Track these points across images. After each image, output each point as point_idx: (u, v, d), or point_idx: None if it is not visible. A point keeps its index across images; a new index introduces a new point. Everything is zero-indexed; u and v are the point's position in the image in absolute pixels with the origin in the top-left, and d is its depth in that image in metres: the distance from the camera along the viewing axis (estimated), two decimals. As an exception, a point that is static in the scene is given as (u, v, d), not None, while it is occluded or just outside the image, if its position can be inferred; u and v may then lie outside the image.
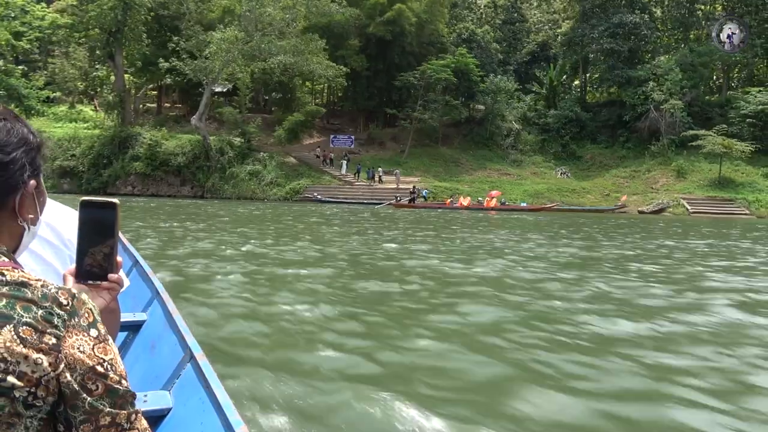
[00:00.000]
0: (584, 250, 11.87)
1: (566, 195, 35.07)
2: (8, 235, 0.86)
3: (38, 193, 0.90)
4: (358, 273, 7.92)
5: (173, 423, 1.65)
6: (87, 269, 0.99)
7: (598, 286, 7.10)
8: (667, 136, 38.78)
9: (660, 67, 41.20)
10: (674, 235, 16.86)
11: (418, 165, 41.19)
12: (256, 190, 36.72)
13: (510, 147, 44.05)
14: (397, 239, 13.12)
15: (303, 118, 39.42)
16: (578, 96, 47.65)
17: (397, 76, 43.17)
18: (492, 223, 20.65)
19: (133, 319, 2.27)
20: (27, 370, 0.72)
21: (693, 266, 9.47)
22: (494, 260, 9.49)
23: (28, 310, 0.74)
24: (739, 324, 5.17)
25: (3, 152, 0.81)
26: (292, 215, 21.77)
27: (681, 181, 35.36)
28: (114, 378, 0.79)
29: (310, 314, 5.13)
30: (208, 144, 37.51)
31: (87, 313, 0.80)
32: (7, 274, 0.77)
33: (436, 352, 4.05)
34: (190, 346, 1.83)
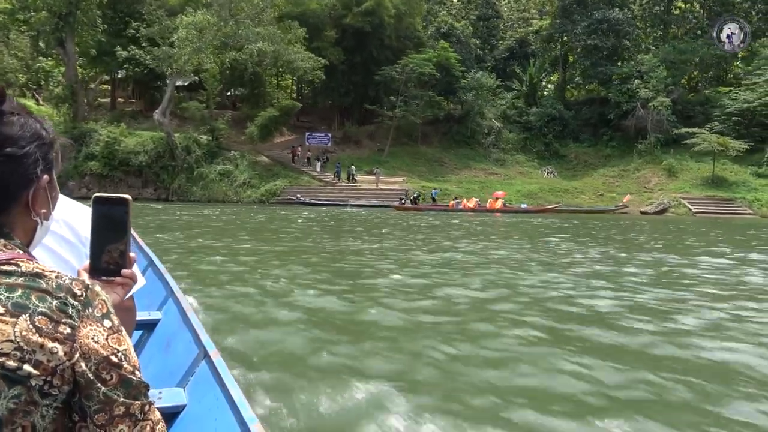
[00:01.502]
0: (662, 265, 9.85)
1: (560, 195, 33.57)
2: (22, 229, 0.85)
3: (51, 188, 0.89)
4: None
5: (188, 420, 1.64)
6: (100, 265, 0.98)
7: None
8: (653, 134, 37.96)
9: (644, 64, 40.43)
10: (725, 242, 15.20)
11: (400, 164, 38.91)
12: (228, 191, 33.54)
13: (492, 146, 42.38)
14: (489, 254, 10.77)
15: (277, 114, 36.38)
16: (558, 94, 46.48)
17: (376, 71, 40.76)
18: (517, 228, 18.57)
19: (148, 318, 2.30)
20: (43, 359, 0.72)
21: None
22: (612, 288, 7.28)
23: (43, 300, 0.75)
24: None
25: (17, 146, 0.80)
26: (286, 223, 19.04)
27: (673, 180, 34.48)
28: (128, 368, 0.79)
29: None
30: (172, 141, 34.03)
31: (101, 304, 0.81)
32: (22, 265, 0.78)
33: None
34: (204, 344, 1.84)
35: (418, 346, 4.38)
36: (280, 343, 4.38)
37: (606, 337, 4.78)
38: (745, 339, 4.77)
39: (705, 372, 3.92)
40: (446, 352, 4.17)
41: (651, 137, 37.85)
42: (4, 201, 0.82)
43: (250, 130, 36.44)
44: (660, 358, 4.20)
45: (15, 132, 0.82)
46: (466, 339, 4.64)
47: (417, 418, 2.97)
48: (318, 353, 4.06)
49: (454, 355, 4.14)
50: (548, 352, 4.27)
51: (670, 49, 40.71)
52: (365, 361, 3.95)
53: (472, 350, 4.30)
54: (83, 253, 1.36)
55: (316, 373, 3.61)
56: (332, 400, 3.16)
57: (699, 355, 4.32)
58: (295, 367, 3.72)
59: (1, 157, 0.79)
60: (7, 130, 0.81)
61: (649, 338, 4.74)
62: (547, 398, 3.36)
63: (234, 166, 34.86)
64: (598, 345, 4.57)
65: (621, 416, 3.08)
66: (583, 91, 48.50)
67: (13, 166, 0.81)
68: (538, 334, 4.78)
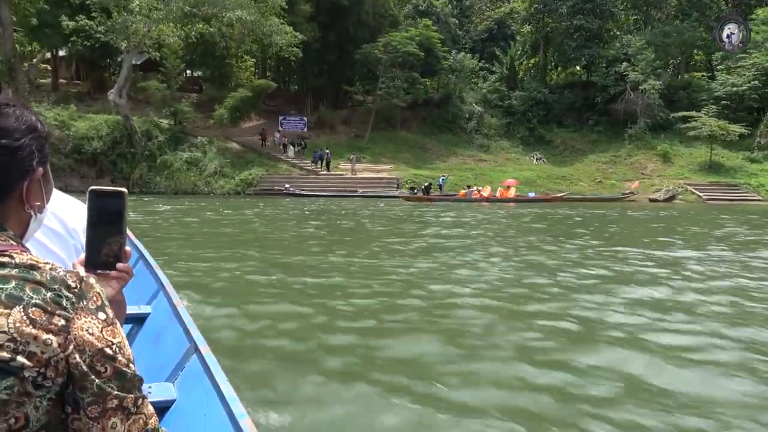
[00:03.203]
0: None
1: (558, 183, 31.78)
2: (16, 221, 0.85)
3: (45, 181, 0.89)
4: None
5: (177, 414, 1.63)
6: (96, 258, 0.97)
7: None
8: (643, 119, 36.73)
9: (630, 47, 39.13)
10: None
11: (383, 151, 36.16)
12: (197, 182, 29.91)
13: (474, 131, 40.22)
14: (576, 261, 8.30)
15: (250, 95, 32.78)
16: (539, 76, 44.71)
17: (352, 50, 37.70)
18: (547, 218, 16.32)
19: (138, 312, 2.28)
20: (37, 351, 0.72)
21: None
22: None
23: (37, 292, 0.75)
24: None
25: (12, 138, 0.80)
26: (294, 223, 16.09)
27: (669, 166, 33.32)
28: (122, 361, 0.79)
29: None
30: (131, 126, 30.02)
31: (95, 296, 0.80)
32: (16, 257, 0.77)
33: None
34: (194, 338, 1.83)
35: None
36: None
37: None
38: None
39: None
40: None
41: (641, 122, 36.60)
42: (0, 193, 0.80)
43: (219, 113, 32.76)
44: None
45: (10, 124, 0.80)
46: None
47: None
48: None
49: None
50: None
51: (657, 31, 39.52)
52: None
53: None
54: (71, 245, 1.36)
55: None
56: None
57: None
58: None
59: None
60: (2, 122, 0.80)
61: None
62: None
63: (202, 153, 31.19)
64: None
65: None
66: (563, 74, 47.01)
67: (7, 158, 0.80)
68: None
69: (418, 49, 35.89)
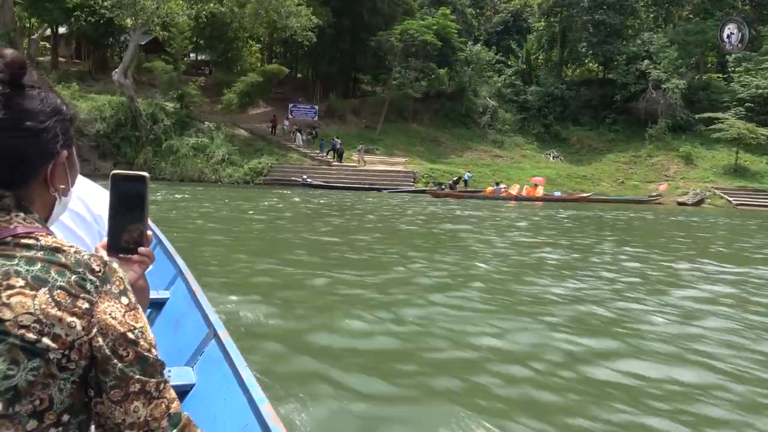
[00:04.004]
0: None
1: (579, 182, 30.68)
2: (41, 204, 0.85)
3: (70, 164, 0.88)
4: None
5: (197, 398, 1.64)
6: (118, 242, 0.98)
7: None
8: (664, 119, 35.66)
9: (653, 44, 38.02)
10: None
11: (395, 143, 34.90)
12: (204, 169, 28.55)
13: (487, 126, 39.00)
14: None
15: (261, 80, 31.33)
16: (555, 72, 43.51)
17: (366, 37, 36.30)
18: (606, 223, 15.16)
19: (157, 297, 2.29)
20: (61, 333, 0.72)
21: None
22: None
23: (62, 275, 0.75)
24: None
25: (36, 120, 0.79)
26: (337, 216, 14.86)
27: (692, 169, 32.28)
28: (144, 346, 0.79)
29: None
30: (136, 108, 28.54)
31: (118, 281, 0.80)
32: (41, 239, 0.77)
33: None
34: (213, 323, 1.83)
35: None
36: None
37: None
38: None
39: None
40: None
41: (662, 122, 35.52)
42: (23, 175, 0.80)
43: (228, 98, 31.30)
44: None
45: (35, 106, 0.80)
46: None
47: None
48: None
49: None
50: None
51: (680, 29, 38.37)
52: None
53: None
54: (95, 230, 1.36)
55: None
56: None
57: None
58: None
59: (21, 131, 0.77)
60: (27, 103, 0.79)
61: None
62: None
63: (209, 139, 29.79)
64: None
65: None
66: (578, 70, 45.84)
67: (31, 141, 0.79)
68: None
69: (435, 38, 34.56)
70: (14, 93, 0.78)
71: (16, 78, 0.78)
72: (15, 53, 0.79)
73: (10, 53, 0.78)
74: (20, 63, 0.78)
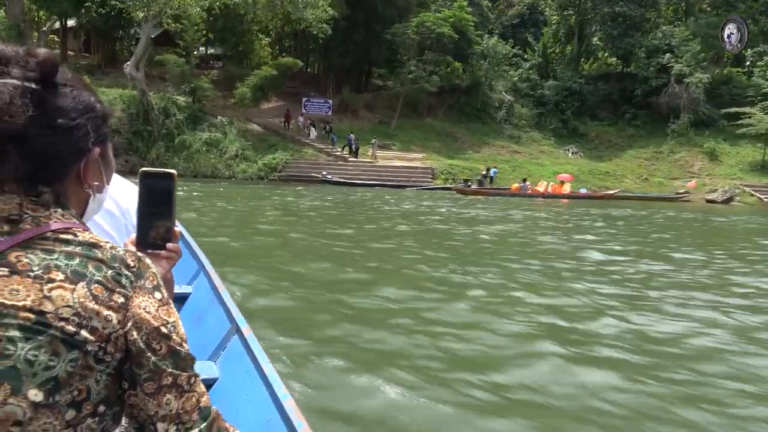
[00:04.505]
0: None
1: (602, 179, 29.86)
2: (76, 200, 0.86)
3: (104, 162, 0.89)
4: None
5: (219, 393, 1.65)
6: (147, 238, 0.99)
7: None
8: (686, 114, 34.73)
9: (674, 37, 37.05)
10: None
11: (411, 138, 34.12)
12: (217, 164, 27.90)
13: (503, 121, 38.16)
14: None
15: (275, 73, 30.57)
16: (572, 66, 42.56)
17: (380, 30, 35.48)
18: (653, 221, 14.38)
19: (179, 291, 2.30)
20: (98, 326, 0.74)
21: None
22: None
23: (99, 270, 0.76)
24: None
25: (67, 118, 0.80)
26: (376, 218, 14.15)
27: (718, 165, 31.38)
28: (176, 340, 0.80)
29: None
30: (148, 102, 27.91)
31: (151, 276, 0.82)
32: (79, 235, 0.79)
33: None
34: (236, 319, 1.85)
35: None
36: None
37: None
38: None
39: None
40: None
41: (684, 117, 34.60)
42: (56, 172, 0.82)
43: (241, 92, 30.59)
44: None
45: (67, 104, 0.81)
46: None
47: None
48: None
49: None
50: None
51: (702, 21, 37.38)
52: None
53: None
54: (123, 225, 1.40)
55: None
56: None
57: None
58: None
59: (53, 128, 0.79)
60: (59, 101, 0.80)
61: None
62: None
63: (222, 134, 29.11)
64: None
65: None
66: (595, 64, 44.86)
67: (63, 138, 0.80)
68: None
69: (452, 31, 33.71)
70: (46, 91, 0.78)
71: (48, 76, 0.79)
72: (47, 52, 0.79)
73: (43, 52, 0.78)
74: (52, 61, 0.78)
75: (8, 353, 0.69)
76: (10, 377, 0.69)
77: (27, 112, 0.75)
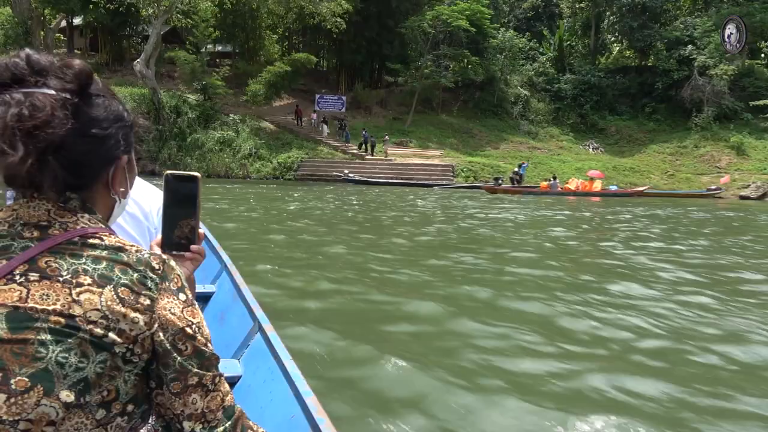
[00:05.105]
0: None
1: (627, 175, 28.91)
2: (102, 205, 0.88)
3: (129, 168, 0.91)
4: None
5: (243, 390, 1.68)
6: (171, 240, 1.01)
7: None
8: (710, 108, 33.70)
9: (696, 28, 36.01)
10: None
11: (427, 135, 33.21)
12: (231, 164, 27.10)
13: (519, 116, 37.21)
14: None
15: (288, 69, 29.70)
16: (589, 60, 41.53)
17: (393, 25, 34.58)
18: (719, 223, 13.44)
19: (203, 291, 2.37)
20: (126, 328, 0.76)
21: None
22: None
23: (125, 273, 0.78)
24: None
25: (100, 127, 0.82)
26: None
27: (745, 160, 30.37)
28: (201, 340, 0.82)
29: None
30: (158, 100, 27.13)
31: (176, 278, 0.84)
32: (105, 239, 0.81)
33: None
34: (258, 317, 1.88)
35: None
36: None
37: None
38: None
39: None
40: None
41: (708, 110, 33.58)
42: (88, 179, 0.84)
43: (254, 89, 29.72)
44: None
45: (100, 114, 0.83)
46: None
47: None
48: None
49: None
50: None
51: (725, 12, 36.31)
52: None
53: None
54: (145, 227, 1.42)
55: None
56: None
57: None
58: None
59: (87, 137, 0.81)
60: (93, 111, 0.82)
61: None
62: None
63: (235, 132, 28.29)
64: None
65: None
66: (611, 57, 43.80)
67: (96, 146, 0.82)
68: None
69: (468, 24, 32.78)
70: (82, 102, 0.80)
71: (84, 88, 0.81)
72: (82, 63, 0.81)
73: (78, 63, 0.80)
74: (88, 73, 0.80)
75: (40, 356, 0.71)
76: (43, 379, 0.70)
77: (67, 124, 0.76)
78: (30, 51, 0.80)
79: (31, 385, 0.70)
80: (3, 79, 0.77)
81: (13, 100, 0.75)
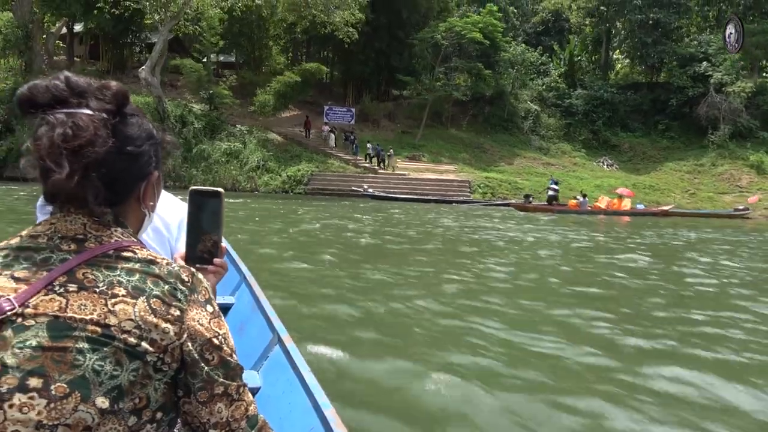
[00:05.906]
0: None
1: (648, 193, 28.04)
2: (133, 219, 0.91)
3: (158, 184, 0.94)
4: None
5: (262, 402, 1.63)
6: (195, 253, 1.02)
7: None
8: (726, 125, 33.04)
9: (710, 45, 35.45)
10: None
11: (439, 149, 32.27)
12: (238, 177, 25.98)
13: (530, 131, 36.39)
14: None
15: (298, 79, 28.72)
16: (600, 75, 40.92)
17: (403, 36, 33.80)
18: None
19: (222, 302, 2.36)
20: (157, 338, 0.78)
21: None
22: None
23: (156, 285, 0.81)
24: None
25: (135, 145, 0.86)
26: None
27: (766, 179, 29.60)
28: (227, 351, 0.84)
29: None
30: (164, 109, 26.03)
31: (204, 290, 0.86)
32: (138, 252, 0.84)
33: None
34: (277, 329, 1.90)
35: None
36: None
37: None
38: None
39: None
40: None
41: (724, 128, 32.91)
42: (122, 194, 0.87)
43: (263, 99, 28.70)
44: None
45: (134, 132, 0.86)
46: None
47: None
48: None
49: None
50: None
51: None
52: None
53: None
54: (165, 239, 1.45)
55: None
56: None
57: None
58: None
59: (124, 155, 0.84)
60: (128, 130, 0.86)
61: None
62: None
63: (241, 144, 27.21)
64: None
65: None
66: (621, 73, 43.25)
67: (131, 163, 0.86)
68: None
69: (482, 36, 32.01)
70: (119, 121, 0.84)
71: (121, 107, 0.85)
72: (118, 84, 0.85)
73: (114, 84, 0.84)
74: (124, 93, 0.85)
75: (78, 363, 0.74)
76: (80, 386, 0.73)
77: (108, 142, 0.80)
78: (69, 73, 0.82)
79: (70, 391, 0.72)
80: (45, 101, 0.79)
81: (57, 121, 0.78)
